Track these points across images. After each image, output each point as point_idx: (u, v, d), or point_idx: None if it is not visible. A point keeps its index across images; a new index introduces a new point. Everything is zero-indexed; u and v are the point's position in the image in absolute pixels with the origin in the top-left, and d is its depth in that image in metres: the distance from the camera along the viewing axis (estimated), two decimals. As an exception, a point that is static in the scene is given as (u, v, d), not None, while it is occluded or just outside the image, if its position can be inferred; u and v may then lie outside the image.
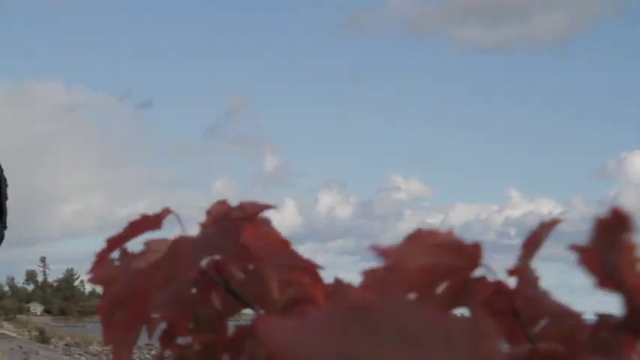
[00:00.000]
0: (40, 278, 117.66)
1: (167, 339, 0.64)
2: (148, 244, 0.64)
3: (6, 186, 3.95)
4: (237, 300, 0.66)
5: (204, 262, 0.64)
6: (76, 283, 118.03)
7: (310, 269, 0.66)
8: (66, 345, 30.07)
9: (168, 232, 0.67)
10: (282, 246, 0.66)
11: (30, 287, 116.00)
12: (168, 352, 0.69)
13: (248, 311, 0.67)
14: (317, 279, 0.66)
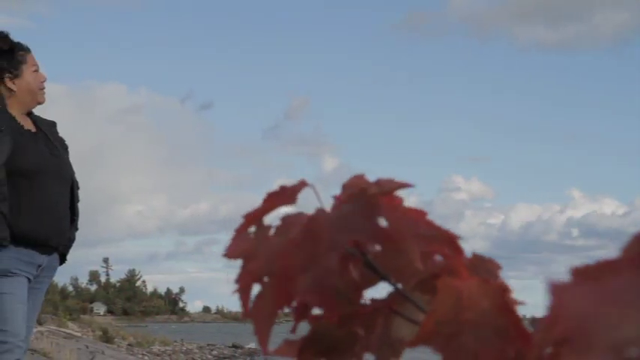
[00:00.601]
0: (102, 279, 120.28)
1: (302, 311, 0.62)
2: (285, 218, 0.62)
3: (77, 188, 4.02)
4: (375, 273, 0.63)
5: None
6: (138, 283, 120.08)
7: (451, 239, 0.63)
8: (129, 345, 30.54)
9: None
10: (419, 216, 0.63)
11: (93, 287, 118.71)
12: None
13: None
14: (458, 249, 0.63)
